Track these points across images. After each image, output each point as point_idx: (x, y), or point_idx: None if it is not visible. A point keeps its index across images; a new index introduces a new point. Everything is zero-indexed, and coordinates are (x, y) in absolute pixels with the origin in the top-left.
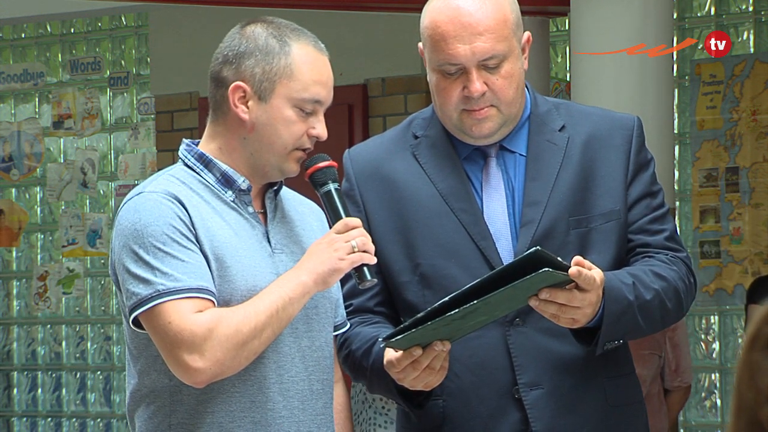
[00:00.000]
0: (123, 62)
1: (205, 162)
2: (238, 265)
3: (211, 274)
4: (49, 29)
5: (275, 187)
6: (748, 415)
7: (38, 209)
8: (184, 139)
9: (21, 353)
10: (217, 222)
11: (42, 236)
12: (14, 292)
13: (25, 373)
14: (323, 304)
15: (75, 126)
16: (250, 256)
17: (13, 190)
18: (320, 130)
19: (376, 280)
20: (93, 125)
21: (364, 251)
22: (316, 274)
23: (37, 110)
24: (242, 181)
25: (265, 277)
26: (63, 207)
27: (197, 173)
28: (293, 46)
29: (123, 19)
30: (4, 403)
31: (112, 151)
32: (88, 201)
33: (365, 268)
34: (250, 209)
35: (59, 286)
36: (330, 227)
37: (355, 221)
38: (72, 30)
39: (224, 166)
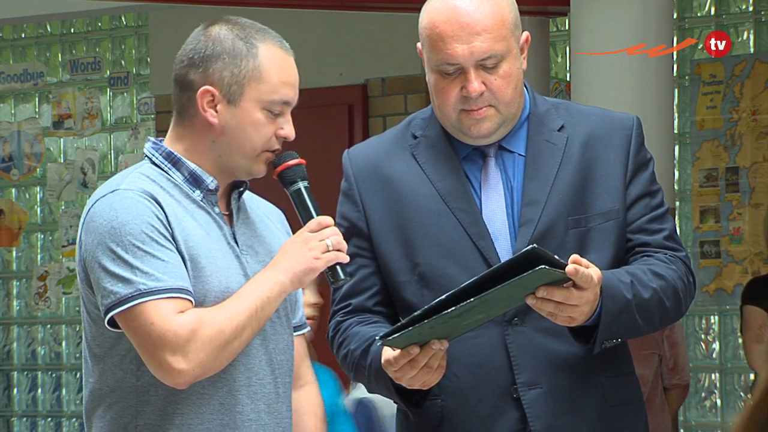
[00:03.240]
0: (123, 62)
1: (174, 161)
2: (212, 266)
3: (188, 274)
4: (49, 29)
5: (241, 189)
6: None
7: (38, 209)
8: (149, 138)
9: (21, 353)
10: (190, 222)
11: (42, 236)
12: (14, 292)
13: (25, 373)
14: (284, 306)
15: (75, 126)
16: (222, 256)
17: (13, 190)
18: (288, 130)
19: (349, 278)
20: (93, 125)
21: (338, 250)
22: (293, 274)
23: (37, 110)
24: (210, 181)
25: (236, 278)
26: (63, 207)
27: (165, 172)
28: (260, 48)
29: (123, 19)
30: (4, 403)
31: (112, 151)
32: None
33: (338, 267)
34: (217, 209)
35: (59, 286)
36: (300, 226)
37: (328, 220)
38: (72, 30)
39: (193, 166)
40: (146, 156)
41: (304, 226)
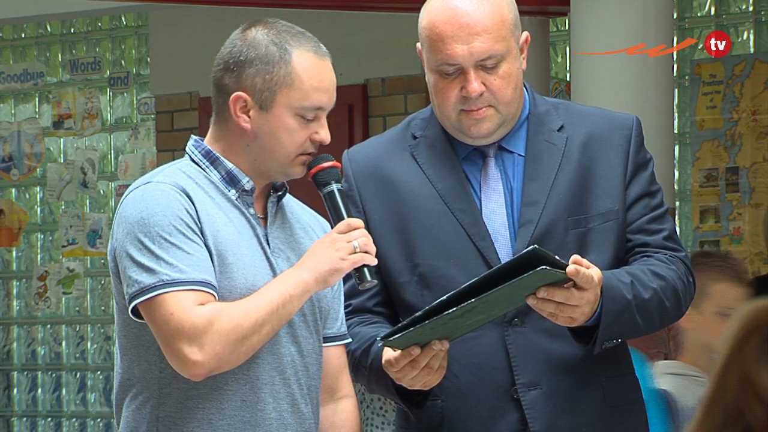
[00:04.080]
0: (123, 62)
1: (212, 159)
2: (239, 262)
3: (213, 268)
4: (49, 29)
5: (279, 193)
6: (725, 405)
7: (38, 209)
8: (192, 135)
9: (21, 353)
10: (221, 218)
11: (42, 236)
12: (14, 292)
13: (25, 373)
14: (311, 311)
15: (75, 126)
16: (251, 255)
17: (13, 190)
18: (323, 135)
19: (376, 281)
20: (93, 125)
21: (366, 252)
22: (317, 273)
23: (37, 110)
24: (246, 182)
25: (264, 278)
26: (63, 207)
27: (203, 169)
28: (293, 54)
29: (123, 19)
30: (4, 403)
31: (112, 151)
32: (88, 201)
33: (365, 269)
34: (252, 210)
35: (59, 286)
36: (332, 228)
37: (358, 222)
38: (72, 30)
39: (230, 165)
40: (186, 153)
41: (334, 227)
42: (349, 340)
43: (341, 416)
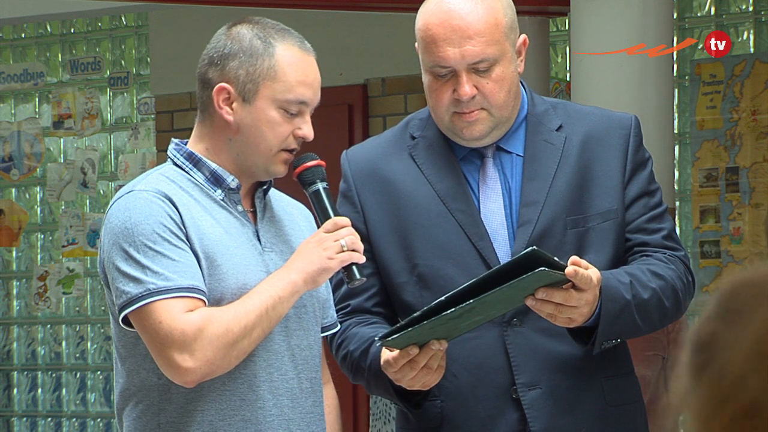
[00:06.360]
0: (123, 62)
1: (195, 161)
2: (228, 263)
3: (202, 272)
4: (49, 29)
5: (264, 187)
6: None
7: (38, 209)
8: (173, 139)
9: (21, 353)
10: (207, 220)
11: (42, 236)
12: (14, 292)
13: (25, 373)
14: (311, 303)
15: (75, 126)
16: (241, 254)
17: (13, 190)
18: (306, 131)
19: (365, 279)
20: (93, 125)
21: (353, 250)
22: (306, 273)
23: (37, 110)
24: (231, 180)
25: (256, 275)
26: (63, 207)
27: (186, 172)
28: (277, 47)
29: (123, 19)
30: (4, 403)
31: (112, 151)
32: (88, 201)
33: (354, 267)
34: (240, 208)
35: (59, 286)
36: (318, 226)
37: (344, 220)
38: (72, 30)
39: (213, 165)
40: (169, 157)
41: (320, 226)
42: (338, 327)
43: (326, 402)
